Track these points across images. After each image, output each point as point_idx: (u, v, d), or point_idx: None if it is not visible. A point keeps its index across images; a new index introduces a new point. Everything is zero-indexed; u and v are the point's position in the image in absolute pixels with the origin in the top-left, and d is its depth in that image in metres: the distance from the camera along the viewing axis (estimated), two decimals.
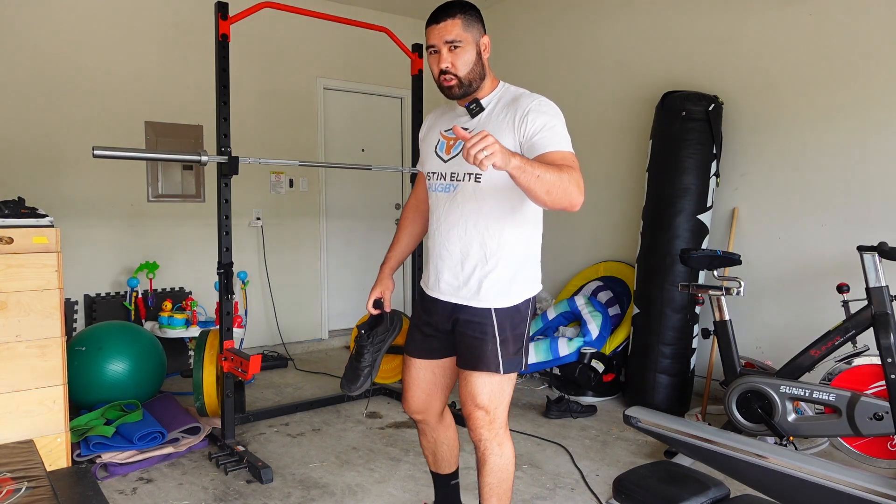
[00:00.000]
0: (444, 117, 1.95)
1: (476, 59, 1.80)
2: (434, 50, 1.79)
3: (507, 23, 5.33)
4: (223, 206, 3.03)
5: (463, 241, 1.84)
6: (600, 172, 4.62)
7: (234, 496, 2.64)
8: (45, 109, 4.17)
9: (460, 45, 1.76)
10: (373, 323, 2.10)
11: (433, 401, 2.04)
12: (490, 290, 1.83)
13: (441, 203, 1.88)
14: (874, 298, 2.66)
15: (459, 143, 1.81)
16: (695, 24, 3.98)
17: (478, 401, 1.84)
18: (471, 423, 1.87)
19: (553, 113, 1.79)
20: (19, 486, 1.91)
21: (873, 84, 3.22)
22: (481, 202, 1.81)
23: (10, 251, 2.36)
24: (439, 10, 1.78)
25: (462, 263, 1.84)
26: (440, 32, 1.76)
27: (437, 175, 1.89)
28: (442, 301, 1.90)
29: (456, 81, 1.79)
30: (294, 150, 5.12)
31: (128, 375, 3.36)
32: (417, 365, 2.01)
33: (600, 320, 4.01)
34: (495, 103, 1.84)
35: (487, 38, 1.85)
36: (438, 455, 2.15)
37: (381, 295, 2.09)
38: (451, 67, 1.77)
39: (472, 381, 1.84)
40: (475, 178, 1.79)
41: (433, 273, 1.92)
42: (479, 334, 1.83)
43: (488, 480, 1.89)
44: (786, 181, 3.57)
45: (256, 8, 3.12)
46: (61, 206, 4.15)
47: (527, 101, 1.78)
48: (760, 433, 2.80)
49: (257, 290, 5.03)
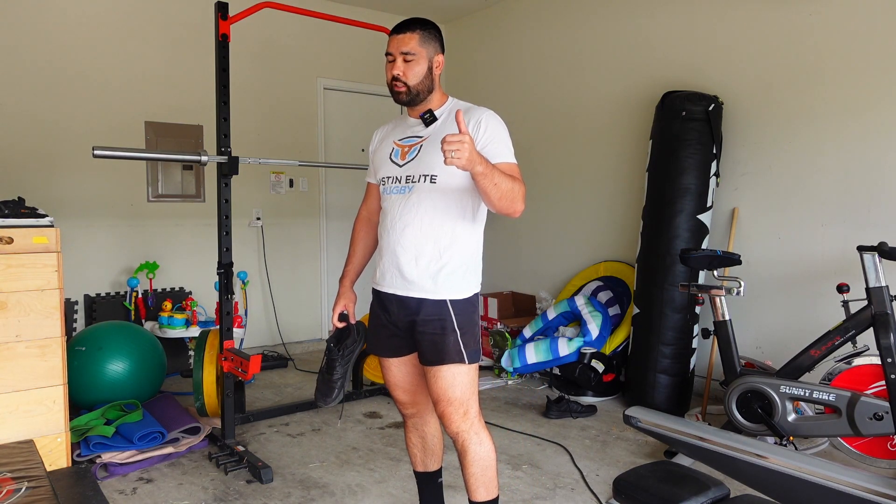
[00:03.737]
0: (397, 129, 2.08)
1: (426, 73, 1.95)
2: (391, 58, 1.94)
3: (506, 23, 5.33)
4: (223, 206, 3.03)
5: (417, 238, 1.93)
6: (600, 172, 4.62)
7: (234, 496, 2.64)
8: (46, 109, 4.17)
9: (413, 57, 1.92)
10: (340, 336, 2.14)
11: (420, 392, 2.12)
12: (445, 283, 1.92)
13: (395, 204, 1.97)
14: (874, 298, 2.66)
15: (414, 149, 1.97)
16: (695, 24, 3.98)
17: (448, 395, 1.92)
18: (445, 420, 1.95)
19: (501, 126, 1.94)
20: (19, 486, 1.91)
21: (874, 84, 3.22)
22: (436, 201, 1.92)
23: (10, 251, 2.36)
24: (402, 23, 1.95)
25: (417, 259, 1.93)
26: (398, 43, 1.92)
27: (391, 179, 2.00)
28: (398, 296, 1.98)
29: (405, 89, 1.94)
30: (294, 150, 5.12)
31: (128, 375, 3.36)
32: (392, 363, 2.09)
33: (600, 320, 4.01)
34: (447, 114, 1.98)
35: (442, 57, 2.00)
36: (427, 449, 2.20)
37: (346, 308, 2.15)
38: (401, 76, 1.92)
39: (440, 377, 1.92)
40: (431, 180, 1.92)
41: (388, 270, 1.99)
42: (439, 329, 1.91)
43: (473, 471, 1.96)
44: (786, 181, 3.57)
45: (256, 8, 3.12)
46: (61, 206, 4.15)
47: (479, 113, 1.92)
48: (760, 433, 2.80)
49: (257, 290, 5.03)
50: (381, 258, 2.03)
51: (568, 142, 4.84)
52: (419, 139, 1.98)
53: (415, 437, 2.21)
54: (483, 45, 5.58)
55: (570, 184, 4.84)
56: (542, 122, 5.03)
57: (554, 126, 4.93)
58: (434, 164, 1.90)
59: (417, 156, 1.96)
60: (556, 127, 4.92)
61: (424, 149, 1.95)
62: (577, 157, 4.78)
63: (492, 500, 1.98)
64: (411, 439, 2.22)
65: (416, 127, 2.00)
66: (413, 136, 2.01)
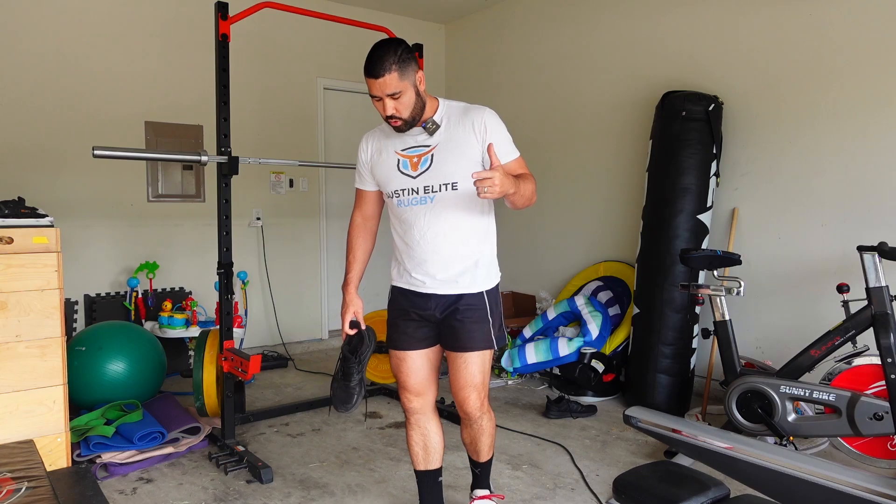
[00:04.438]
0: (393, 138, 2.09)
1: (416, 99, 1.97)
2: (377, 99, 1.96)
3: (507, 23, 5.33)
4: (223, 206, 3.03)
5: (450, 245, 2.05)
6: (600, 172, 4.62)
7: (234, 496, 2.64)
8: (46, 109, 4.17)
9: (399, 94, 1.93)
10: (355, 344, 2.16)
11: (430, 388, 2.21)
12: (479, 277, 2.09)
13: (419, 214, 2.04)
14: (874, 298, 2.66)
15: (425, 158, 2.02)
16: (695, 24, 3.98)
17: (476, 380, 2.11)
18: (468, 402, 2.13)
19: (501, 124, 2.04)
20: (19, 486, 1.91)
21: (873, 84, 3.22)
22: (459, 206, 2.03)
23: (10, 251, 2.36)
24: (375, 63, 1.91)
25: (452, 262, 2.06)
26: (380, 87, 1.92)
27: (407, 191, 2.05)
28: (437, 294, 2.08)
29: (402, 122, 1.98)
30: (294, 150, 5.12)
31: (128, 375, 3.36)
32: (413, 356, 2.15)
33: (600, 320, 4.01)
34: (447, 119, 2.03)
35: (422, 71, 2.01)
36: (430, 447, 2.25)
37: (355, 314, 2.17)
38: (396, 112, 1.95)
39: (471, 362, 2.09)
40: (452, 187, 2.00)
41: (421, 275, 2.09)
42: (478, 318, 2.07)
43: (485, 441, 2.25)
44: (786, 181, 3.57)
45: (256, 8, 3.12)
46: (61, 206, 4.14)
47: (479, 112, 2.01)
48: (760, 433, 2.80)
49: (257, 290, 5.03)
50: (409, 264, 2.10)
51: (568, 142, 4.84)
52: (427, 148, 2.02)
53: (417, 436, 2.24)
54: (483, 46, 5.58)
55: (569, 184, 4.84)
56: (542, 122, 5.02)
57: (554, 126, 4.93)
58: (452, 172, 1.99)
59: (431, 165, 2.01)
60: (556, 127, 4.91)
61: (437, 157, 2.01)
62: (576, 157, 4.78)
63: (492, 458, 2.34)
64: (413, 437, 2.25)
65: (420, 136, 2.04)
66: (418, 145, 2.04)
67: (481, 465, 2.33)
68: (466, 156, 2.00)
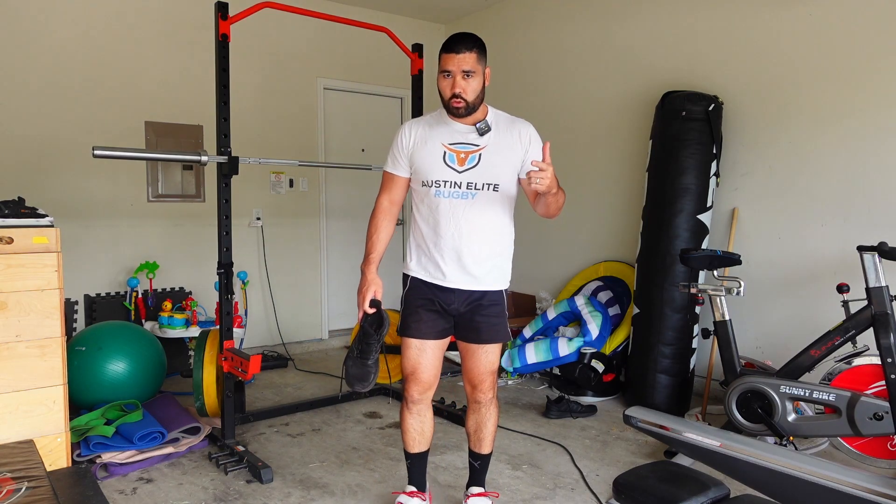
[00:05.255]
0: (439, 130, 2.18)
1: (481, 89, 2.12)
2: (449, 74, 2.07)
3: (507, 23, 5.33)
4: (223, 206, 3.03)
5: (484, 240, 2.17)
6: (600, 172, 4.62)
7: (234, 496, 2.64)
8: (45, 109, 4.17)
9: (473, 74, 2.07)
10: (378, 323, 2.17)
11: (436, 377, 2.30)
12: (502, 276, 2.25)
13: (457, 207, 2.14)
14: (874, 298, 2.66)
15: (473, 157, 2.13)
16: (695, 24, 3.98)
17: (493, 367, 2.28)
18: (484, 389, 2.28)
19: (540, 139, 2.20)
20: (19, 486, 1.91)
21: (873, 84, 3.22)
22: (496, 207, 2.17)
23: (10, 251, 2.36)
24: (459, 41, 2.06)
25: (481, 257, 2.17)
26: (458, 62, 2.05)
27: (449, 183, 2.14)
28: (462, 290, 2.19)
29: (464, 104, 2.08)
30: (294, 150, 5.12)
31: (128, 375, 3.36)
32: (430, 345, 2.23)
33: (600, 320, 4.01)
34: (496, 124, 2.18)
35: (489, 70, 2.17)
36: (426, 432, 2.34)
37: (376, 294, 2.19)
38: (462, 92, 2.07)
39: (491, 352, 2.25)
40: (494, 188, 2.14)
41: (450, 267, 2.17)
42: (499, 312, 2.23)
43: (491, 428, 2.35)
44: (786, 181, 3.57)
45: (256, 8, 3.12)
46: (61, 206, 4.15)
47: (525, 125, 2.21)
48: (760, 433, 2.80)
49: (257, 290, 5.03)
50: (435, 254, 2.18)
51: (568, 142, 4.83)
52: (476, 147, 2.14)
53: (416, 423, 2.31)
54: None
55: (570, 184, 4.81)
56: (542, 122, 4.99)
57: (554, 126, 4.93)
58: (498, 174, 2.13)
59: (478, 164, 2.13)
60: (556, 127, 4.91)
61: (485, 158, 2.13)
62: (577, 157, 4.78)
63: (491, 453, 2.42)
64: (413, 424, 2.31)
65: (470, 135, 2.15)
66: (468, 143, 2.15)
67: (482, 457, 2.39)
68: (510, 161, 2.15)
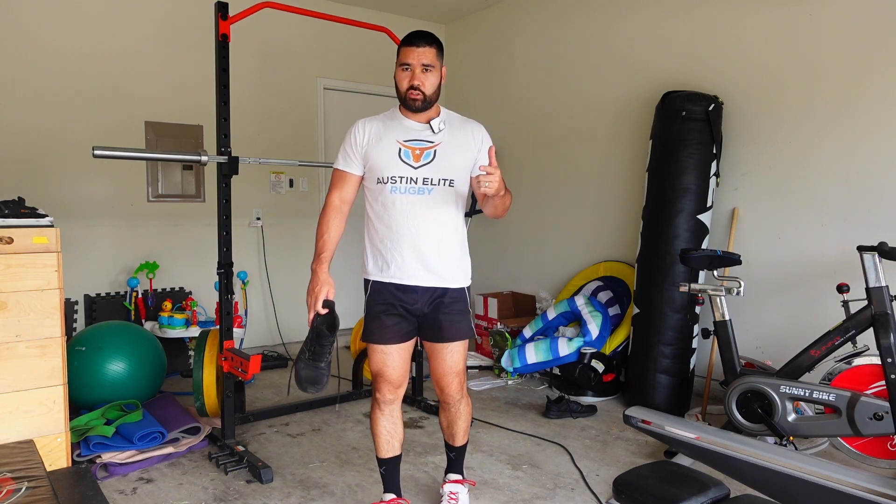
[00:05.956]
0: (393, 128, 2.21)
1: (437, 85, 2.18)
2: (408, 67, 2.13)
3: (507, 23, 5.33)
4: (223, 206, 3.03)
5: (439, 235, 2.19)
6: (600, 172, 4.62)
7: (234, 496, 2.64)
8: (45, 109, 4.17)
9: (432, 69, 2.14)
10: (331, 324, 2.11)
11: (406, 379, 2.32)
12: (462, 272, 2.27)
13: (413, 203, 2.16)
14: (874, 298, 2.66)
15: (428, 153, 2.17)
16: (695, 24, 3.98)
17: (459, 367, 2.30)
18: (450, 388, 2.30)
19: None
20: (19, 486, 1.91)
21: (874, 84, 3.22)
22: (450, 202, 2.20)
23: (10, 251, 2.36)
24: (418, 36, 2.13)
25: (440, 253, 2.19)
26: (418, 55, 2.12)
27: (405, 179, 2.16)
28: (423, 287, 2.20)
29: (421, 97, 2.14)
30: (294, 150, 5.12)
31: (128, 375, 3.36)
32: (395, 350, 2.24)
33: (600, 320, 4.01)
34: (448, 123, 2.23)
35: (446, 69, 2.25)
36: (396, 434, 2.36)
37: (328, 294, 2.15)
38: (420, 85, 2.12)
39: (456, 351, 2.26)
40: (450, 184, 2.18)
41: (409, 264, 2.18)
42: (461, 310, 2.25)
43: (462, 425, 2.41)
44: (786, 181, 3.57)
45: (256, 8, 3.12)
46: (61, 206, 4.14)
47: (478, 128, 2.27)
48: (760, 433, 2.80)
49: (257, 290, 5.03)
50: (394, 252, 2.17)
51: (568, 142, 4.84)
52: (431, 144, 2.18)
53: (388, 424, 2.33)
54: (483, 46, 5.58)
55: (570, 184, 4.84)
56: (542, 122, 5.02)
57: (554, 126, 4.93)
58: (453, 170, 2.17)
59: (434, 160, 2.16)
60: (556, 127, 4.91)
61: (440, 154, 2.17)
62: (576, 157, 4.78)
63: (466, 443, 2.48)
64: (384, 426, 2.33)
65: (424, 132, 2.19)
66: (422, 139, 2.18)
67: (456, 449, 2.46)
68: (463, 159, 2.21)
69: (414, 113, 2.19)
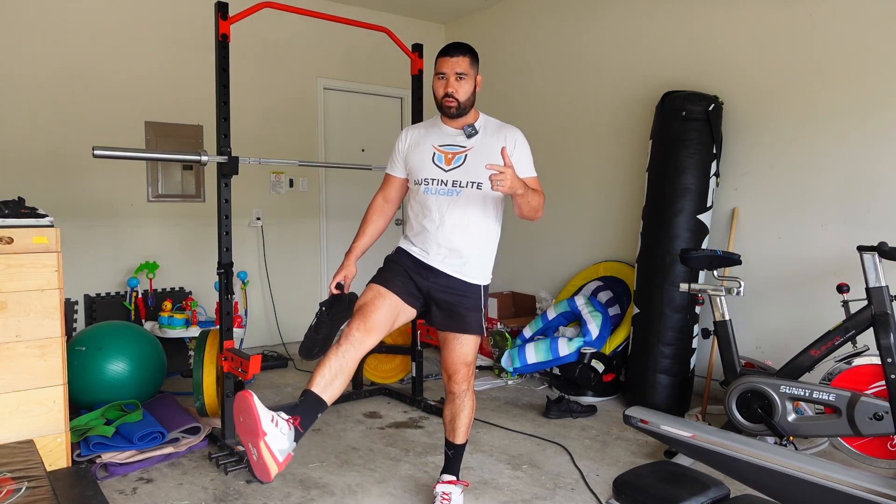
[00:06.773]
0: (432, 134, 2.36)
1: (472, 91, 2.27)
2: (443, 76, 2.24)
3: (507, 23, 5.33)
4: (223, 206, 3.03)
5: (464, 234, 2.28)
6: (600, 172, 4.62)
7: (234, 496, 2.64)
8: (46, 109, 4.18)
9: (465, 76, 2.24)
10: (332, 301, 2.34)
11: (379, 333, 2.20)
12: (481, 271, 2.34)
13: (442, 203, 2.28)
14: (874, 298, 2.66)
15: (459, 157, 2.28)
16: (695, 24, 3.98)
17: (468, 359, 2.36)
18: (459, 378, 2.37)
19: (527, 145, 2.38)
20: (19, 486, 1.91)
21: (874, 84, 3.22)
22: (478, 205, 2.28)
23: (10, 251, 2.36)
24: (454, 47, 2.25)
25: (461, 250, 2.29)
26: (452, 64, 2.22)
27: (436, 181, 2.29)
28: (445, 273, 2.29)
29: (456, 104, 2.24)
30: (294, 150, 5.12)
31: (128, 375, 3.36)
32: (386, 296, 2.24)
33: (600, 320, 4.01)
34: (484, 129, 2.32)
35: (481, 77, 2.32)
36: (338, 378, 2.10)
37: (344, 279, 2.40)
38: (454, 92, 2.23)
39: (466, 343, 2.34)
40: (477, 187, 2.25)
41: (436, 253, 2.30)
42: (473, 306, 2.32)
43: (465, 420, 2.44)
44: (786, 181, 3.57)
45: (256, 8, 3.12)
46: (61, 206, 4.15)
47: (512, 132, 2.34)
48: (760, 433, 2.80)
49: (257, 290, 5.03)
50: (424, 245, 2.32)
51: (568, 142, 4.84)
52: (463, 149, 2.29)
53: (336, 362, 2.09)
54: (483, 46, 5.56)
55: (570, 184, 4.84)
56: (542, 122, 5.02)
57: (554, 126, 4.93)
58: (481, 174, 2.20)
59: (463, 164, 2.26)
60: (557, 127, 4.92)
61: (470, 158, 2.26)
62: (577, 157, 4.78)
63: (465, 443, 2.51)
64: (333, 362, 2.09)
65: (458, 137, 2.31)
66: (455, 144, 2.30)
67: (455, 447, 2.49)
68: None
69: (451, 119, 2.30)
